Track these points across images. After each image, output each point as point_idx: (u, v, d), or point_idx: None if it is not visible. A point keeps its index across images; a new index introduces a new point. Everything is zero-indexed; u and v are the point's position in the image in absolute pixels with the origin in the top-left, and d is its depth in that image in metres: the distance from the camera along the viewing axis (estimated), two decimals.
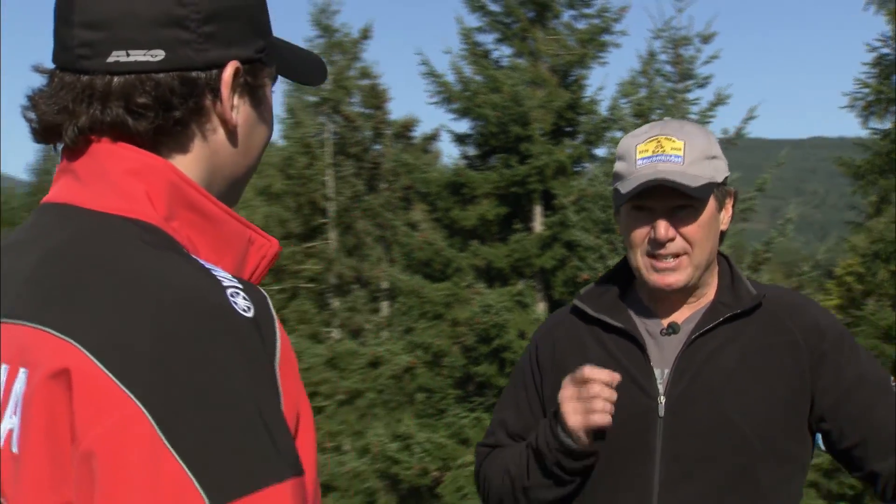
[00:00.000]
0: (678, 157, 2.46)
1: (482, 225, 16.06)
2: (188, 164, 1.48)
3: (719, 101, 13.72)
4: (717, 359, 2.52)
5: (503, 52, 16.14)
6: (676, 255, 2.47)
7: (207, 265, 1.37)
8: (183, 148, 1.47)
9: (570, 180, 15.34)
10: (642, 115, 13.67)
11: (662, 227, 2.44)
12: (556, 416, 2.49)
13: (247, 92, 1.50)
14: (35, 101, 1.42)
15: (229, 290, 1.32)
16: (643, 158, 2.47)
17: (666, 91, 13.75)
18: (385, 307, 21.28)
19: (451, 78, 16.09)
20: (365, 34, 21.57)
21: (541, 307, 15.87)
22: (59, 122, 1.39)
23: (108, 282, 1.30)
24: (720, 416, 2.48)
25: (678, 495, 2.46)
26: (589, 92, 15.91)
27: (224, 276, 1.36)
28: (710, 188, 2.44)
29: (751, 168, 18.74)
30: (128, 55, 1.38)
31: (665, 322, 2.59)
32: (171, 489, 1.17)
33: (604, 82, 27.99)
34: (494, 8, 15.62)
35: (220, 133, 1.49)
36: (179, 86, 1.40)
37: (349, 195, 21.73)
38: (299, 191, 22.17)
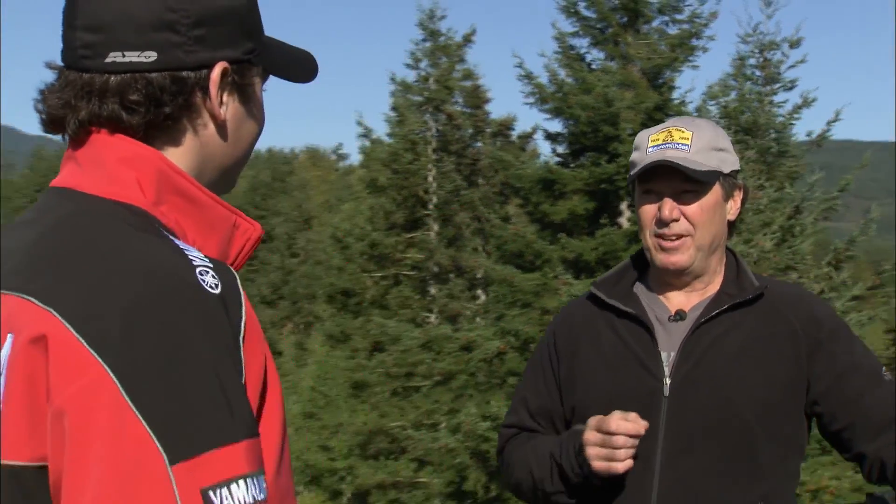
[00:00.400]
0: (685, 145, 2.51)
1: (571, 219, 15.98)
2: (179, 154, 1.53)
3: (805, 103, 13.65)
4: (720, 344, 2.56)
5: (595, 56, 16.00)
6: (680, 236, 2.51)
7: (182, 245, 1.42)
8: (175, 140, 1.52)
9: None
10: (728, 117, 13.70)
11: (668, 207, 2.49)
12: (580, 451, 2.53)
13: (235, 90, 1.55)
14: (45, 95, 1.50)
15: (199, 269, 1.37)
16: (654, 146, 2.53)
17: (753, 94, 13.62)
18: (481, 295, 21.38)
19: (545, 80, 16.00)
20: (468, 38, 21.61)
21: None
22: (63, 115, 1.46)
23: (90, 258, 1.37)
24: (721, 397, 2.52)
25: (679, 468, 2.50)
26: (678, 94, 15.71)
27: (196, 257, 1.41)
28: (714, 175, 2.50)
29: (840, 170, 18.31)
30: (123, 56, 1.44)
31: (673, 309, 2.64)
32: (133, 446, 1.23)
33: (692, 84, 27.41)
34: (588, 14, 15.52)
35: (211, 127, 1.55)
36: (170, 84, 1.46)
37: (449, 189, 21.72)
38: (403, 184, 22.25)
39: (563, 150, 16.61)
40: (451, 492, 19.40)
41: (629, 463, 2.41)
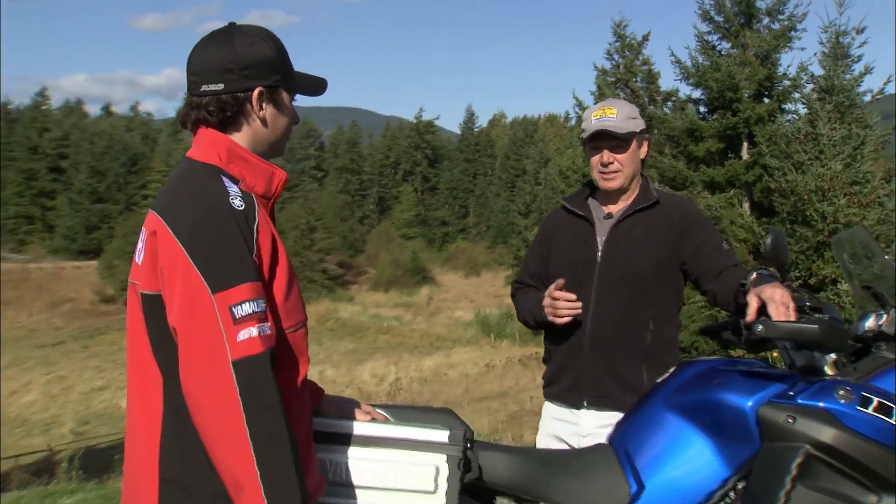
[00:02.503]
0: (614, 117, 2.59)
1: (707, 155, 15.98)
2: (240, 137, 1.71)
3: (866, 71, 13.90)
4: (630, 231, 2.62)
5: (723, 46, 15.96)
6: (614, 171, 2.60)
7: (229, 185, 1.60)
8: (237, 129, 1.71)
9: (766, 126, 15.09)
10: (813, 82, 14.22)
11: (606, 156, 2.60)
12: (541, 308, 2.60)
13: (270, 101, 1.72)
14: (181, 109, 1.73)
15: (232, 197, 1.58)
16: (595, 119, 2.60)
17: (827, 65, 13.88)
18: None
19: (689, 63, 16.11)
20: (645, 38, 21.15)
21: (746, 206, 15.78)
22: (185, 119, 1.72)
23: (183, 191, 1.62)
24: (629, 261, 2.60)
25: (603, 303, 2.58)
26: (780, 70, 15.55)
27: (234, 191, 1.60)
28: (631, 134, 2.59)
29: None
30: (207, 87, 1.66)
31: (606, 211, 2.68)
32: (193, 284, 1.52)
33: (791, 61, 25.57)
34: (718, 18, 15.79)
35: (257, 122, 1.71)
36: (231, 101, 1.66)
37: None
38: None
39: (702, 109, 16.39)
40: None
41: (565, 321, 2.51)
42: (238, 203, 1.57)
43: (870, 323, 2.23)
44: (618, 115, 2.58)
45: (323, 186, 75.78)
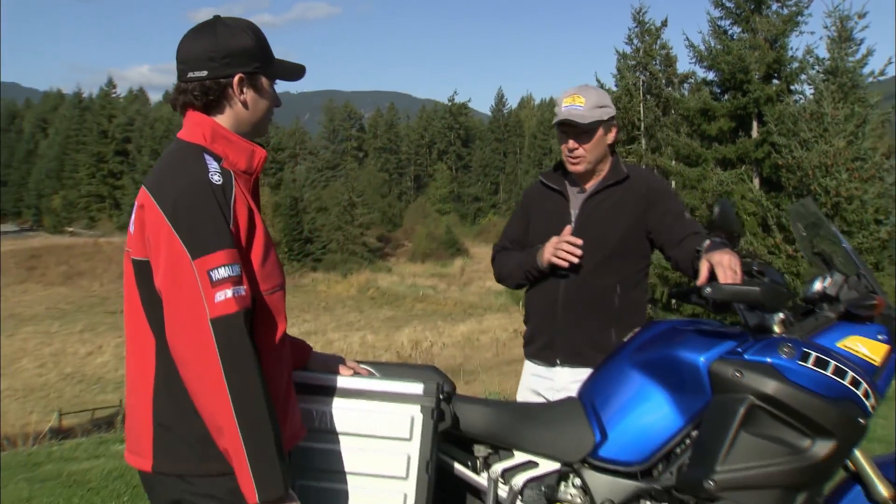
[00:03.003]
0: (581, 106, 2.55)
1: (720, 133, 16.35)
2: (224, 119, 1.73)
3: (868, 53, 13.98)
4: (601, 205, 2.64)
5: (734, 31, 16.23)
6: (579, 157, 2.60)
7: (210, 163, 1.64)
8: (220, 111, 1.73)
9: (774, 106, 15.23)
10: (819, 64, 14.41)
11: (571, 143, 2.60)
12: (537, 251, 2.62)
13: (250, 86, 1.72)
14: (171, 92, 1.79)
15: (211, 173, 1.62)
16: (565, 107, 2.57)
17: (832, 49, 14.04)
18: (672, 183, 19.36)
19: (702, 47, 16.35)
20: (663, 24, 21.40)
21: (756, 182, 15.90)
22: (175, 102, 1.76)
23: (169, 168, 1.66)
24: (598, 231, 2.61)
25: (577, 270, 2.58)
26: (788, 53, 15.67)
27: (213, 168, 1.63)
28: (597, 123, 2.56)
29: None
30: (192, 73, 1.69)
31: (582, 187, 2.69)
32: (175, 251, 1.56)
33: (798, 45, 25.23)
34: (729, 5, 15.94)
35: (238, 105, 1.73)
36: (213, 86, 1.69)
37: (651, 117, 21.51)
38: (623, 115, 21.20)
39: (715, 90, 16.78)
40: None
41: (563, 263, 2.54)
42: (217, 179, 1.61)
43: (817, 286, 2.25)
44: (585, 104, 2.56)
45: (363, 165, 76.29)
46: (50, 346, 32.65)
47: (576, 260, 2.50)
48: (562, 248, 2.51)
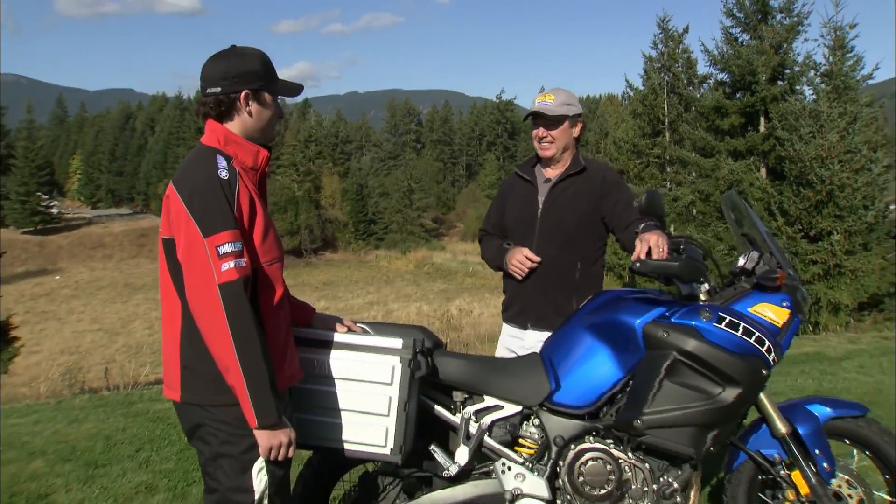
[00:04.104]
0: (550, 102, 2.61)
1: (731, 128, 16.35)
2: (233, 126, 1.77)
3: (857, 62, 13.84)
4: (563, 193, 2.63)
5: (744, 38, 16.15)
6: (548, 143, 2.63)
7: (220, 161, 1.68)
8: (231, 120, 1.77)
9: (779, 104, 15.16)
10: (815, 68, 14.28)
11: (541, 132, 2.64)
12: (506, 252, 2.66)
13: (255, 100, 1.77)
14: (197, 104, 1.81)
15: (220, 169, 1.67)
16: (538, 102, 2.62)
17: (828, 55, 13.98)
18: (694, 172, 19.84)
19: (715, 52, 16.29)
20: (685, 30, 21.41)
21: (763, 171, 15.77)
22: (198, 112, 1.81)
23: (189, 166, 1.72)
24: (560, 216, 2.61)
25: (543, 249, 2.62)
26: (796, 56, 15.55)
27: (222, 165, 1.68)
28: (563, 118, 2.60)
29: (887, 97, 16.66)
30: (210, 90, 1.74)
31: (546, 176, 2.70)
32: (191, 231, 1.62)
33: (800, 50, 23.74)
34: (739, 15, 15.81)
35: (245, 115, 1.77)
36: (225, 99, 1.74)
37: (674, 113, 21.51)
38: (650, 111, 22.25)
39: (726, 89, 16.66)
40: None
41: (520, 276, 2.61)
42: (224, 174, 1.67)
43: (740, 262, 2.30)
44: (554, 101, 2.61)
45: (421, 156, 76.34)
46: (156, 311, 33.64)
47: (525, 271, 2.60)
48: (515, 263, 2.63)
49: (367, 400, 2.06)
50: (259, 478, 1.72)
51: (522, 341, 2.70)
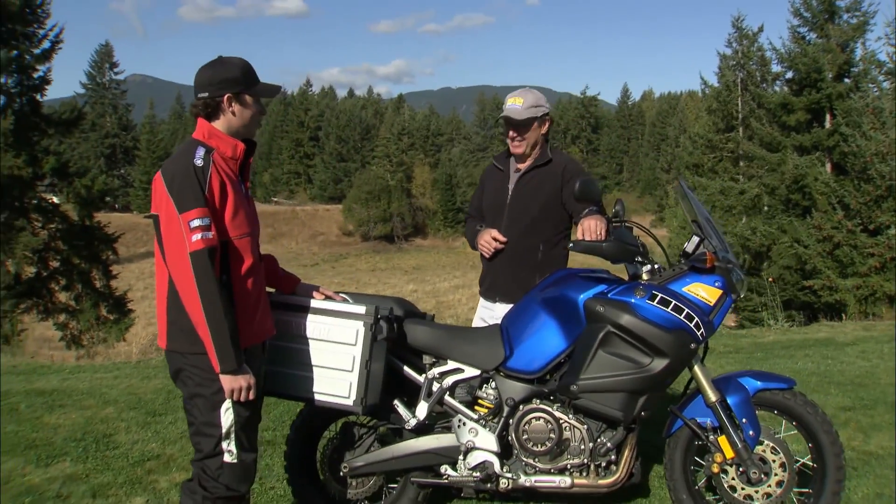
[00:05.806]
0: (519, 106, 2.69)
1: (797, 124, 16.35)
2: (219, 123, 1.89)
3: None
4: (530, 182, 2.72)
5: (811, 37, 16.00)
6: (519, 142, 2.72)
7: (198, 151, 1.80)
8: (217, 118, 1.89)
9: (844, 101, 14.97)
10: (879, 66, 14.00)
11: (511, 133, 2.73)
12: (477, 234, 2.77)
13: (237, 101, 1.88)
14: (191, 105, 1.89)
15: (196, 158, 1.78)
16: (507, 105, 2.71)
17: (892, 53, 13.71)
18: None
19: (783, 51, 16.25)
20: (760, 29, 20.72)
21: (828, 166, 15.61)
22: (191, 112, 1.94)
23: (174, 156, 1.85)
24: (524, 203, 2.70)
25: (511, 232, 2.72)
26: (857, 54, 15.33)
27: (199, 154, 1.79)
28: (531, 120, 2.67)
29: None
30: (199, 94, 1.86)
31: (517, 167, 2.80)
32: (170, 209, 1.75)
33: (864, 49, 22.38)
34: (806, 14, 15.68)
35: (229, 115, 1.89)
36: (211, 102, 1.86)
37: (747, 109, 20.39)
38: (724, 107, 21.53)
39: (793, 86, 16.69)
40: None
41: (489, 253, 2.72)
42: (199, 162, 1.81)
43: (686, 245, 2.35)
44: (523, 104, 2.68)
45: None
46: None
47: (492, 250, 2.71)
48: (483, 244, 2.76)
49: (335, 357, 2.20)
50: (226, 416, 1.89)
51: (493, 312, 2.81)
